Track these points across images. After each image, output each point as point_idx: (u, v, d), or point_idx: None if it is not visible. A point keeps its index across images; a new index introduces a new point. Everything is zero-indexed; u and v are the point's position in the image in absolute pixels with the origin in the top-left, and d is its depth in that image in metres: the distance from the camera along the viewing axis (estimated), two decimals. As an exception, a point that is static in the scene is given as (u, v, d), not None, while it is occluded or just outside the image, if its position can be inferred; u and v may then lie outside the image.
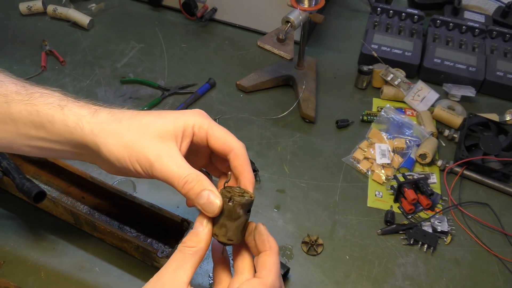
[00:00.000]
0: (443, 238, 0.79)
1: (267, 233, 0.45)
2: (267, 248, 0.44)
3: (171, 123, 0.47)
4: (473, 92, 1.00)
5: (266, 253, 0.44)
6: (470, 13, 1.20)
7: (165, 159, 0.45)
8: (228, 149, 0.50)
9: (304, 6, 0.87)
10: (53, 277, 0.70)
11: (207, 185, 0.45)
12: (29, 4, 1.15)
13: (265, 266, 0.43)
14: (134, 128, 0.47)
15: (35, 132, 0.48)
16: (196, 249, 0.42)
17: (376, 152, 0.89)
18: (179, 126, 0.48)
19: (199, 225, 0.44)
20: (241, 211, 0.44)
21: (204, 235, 0.43)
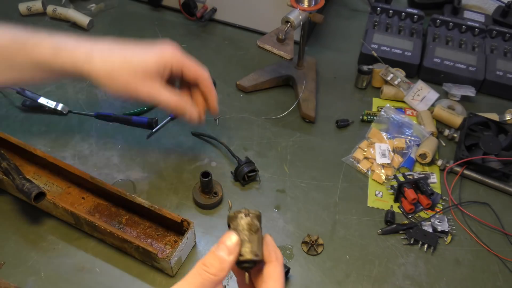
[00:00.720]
0: (444, 237, 0.78)
1: (273, 244, 0.45)
2: (274, 259, 0.44)
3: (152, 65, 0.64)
4: (473, 91, 1.00)
5: (273, 264, 0.44)
6: (470, 13, 1.20)
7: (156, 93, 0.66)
8: (199, 76, 0.69)
9: (303, 6, 0.87)
10: (53, 278, 0.70)
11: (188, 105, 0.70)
12: (28, 4, 1.15)
13: (272, 276, 0.43)
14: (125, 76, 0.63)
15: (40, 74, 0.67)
16: (217, 278, 0.41)
17: (376, 152, 0.88)
18: (159, 65, 0.64)
19: (226, 250, 0.42)
20: (258, 222, 0.44)
21: (228, 265, 0.42)
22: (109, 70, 0.63)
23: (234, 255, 0.42)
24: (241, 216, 0.43)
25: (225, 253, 0.42)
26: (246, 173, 0.82)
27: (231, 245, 0.42)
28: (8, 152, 0.77)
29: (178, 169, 0.86)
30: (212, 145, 0.91)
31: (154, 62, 0.64)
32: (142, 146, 0.90)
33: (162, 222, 0.74)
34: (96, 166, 0.86)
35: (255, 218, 0.44)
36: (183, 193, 0.83)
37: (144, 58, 0.64)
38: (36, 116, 0.94)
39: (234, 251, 0.42)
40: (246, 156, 0.87)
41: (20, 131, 0.90)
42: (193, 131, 0.92)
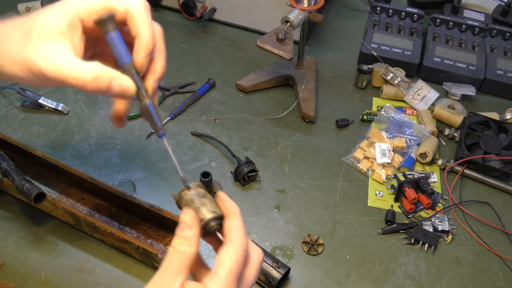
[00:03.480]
0: (444, 237, 0.78)
1: (227, 199, 0.46)
2: (230, 212, 0.45)
3: (51, 20, 0.43)
4: (473, 90, 1.00)
5: (230, 217, 0.45)
6: (470, 12, 1.20)
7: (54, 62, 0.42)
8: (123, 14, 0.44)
9: (303, 5, 0.87)
10: (54, 279, 0.70)
11: (114, 74, 0.43)
12: (27, 5, 1.15)
13: (232, 229, 0.44)
14: (16, 40, 0.44)
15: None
16: (188, 253, 0.42)
17: (376, 151, 0.88)
18: (61, 20, 0.43)
19: (186, 227, 0.43)
20: (202, 190, 0.46)
21: (194, 238, 0.43)
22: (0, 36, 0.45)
23: (195, 227, 0.43)
24: (184, 193, 0.46)
25: (186, 229, 0.43)
26: (246, 173, 0.82)
27: (189, 219, 0.43)
28: (8, 152, 0.77)
29: (178, 169, 0.86)
30: (212, 145, 0.91)
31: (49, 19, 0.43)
32: (141, 147, 0.89)
33: (162, 223, 0.74)
34: (96, 167, 0.86)
35: (198, 187, 0.46)
36: (183, 193, 0.82)
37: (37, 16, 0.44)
38: (35, 116, 0.93)
39: (193, 224, 0.43)
40: (246, 156, 0.86)
41: (19, 132, 0.90)
42: (193, 131, 0.92)
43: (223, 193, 0.46)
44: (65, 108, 0.94)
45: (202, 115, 0.96)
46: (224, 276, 0.41)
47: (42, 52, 0.42)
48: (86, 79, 0.42)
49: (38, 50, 0.43)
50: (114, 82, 0.43)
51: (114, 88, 0.43)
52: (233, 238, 0.43)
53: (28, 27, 0.44)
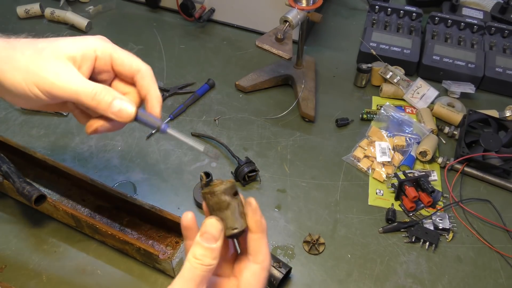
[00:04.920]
0: (445, 235, 0.78)
1: (258, 213, 0.44)
2: (260, 230, 0.44)
3: (68, 46, 0.47)
4: (473, 88, 1.00)
5: (259, 236, 0.44)
6: (468, 10, 1.20)
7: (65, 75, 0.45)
8: (134, 70, 0.50)
9: (302, 5, 0.87)
10: (55, 281, 0.70)
11: (116, 94, 0.47)
12: (26, 7, 1.15)
13: (260, 250, 0.44)
14: (28, 53, 0.46)
15: None
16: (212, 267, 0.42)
17: (377, 150, 0.88)
18: (77, 49, 0.47)
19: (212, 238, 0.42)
20: (227, 197, 0.43)
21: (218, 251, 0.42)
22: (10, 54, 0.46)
23: (220, 240, 0.42)
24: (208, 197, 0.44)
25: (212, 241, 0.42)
26: (246, 173, 0.82)
27: (216, 231, 0.42)
28: (8, 155, 0.77)
29: (178, 170, 0.86)
30: (212, 146, 0.91)
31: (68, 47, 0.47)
32: (142, 148, 0.90)
33: (163, 224, 0.74)
34: (96, 168, 0.86)
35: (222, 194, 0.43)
36: (183, 194, 0.82)
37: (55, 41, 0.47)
38: (35, 119, 0.94)
39: (219, 236, 0.42)
40: (246, 156, 0.86)
41: (19, 134, 0.90)
42: (193, 132, 0.92)
43: (255, 203, 0.44)
44: (65, 110, 0.94)
45: (201, 115, 0.96)
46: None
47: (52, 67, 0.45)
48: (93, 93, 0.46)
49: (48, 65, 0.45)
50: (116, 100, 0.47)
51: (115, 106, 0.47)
52: (261, 261, 0.43)
53: (42, 46, 0.47)
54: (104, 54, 0.49)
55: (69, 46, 0.47)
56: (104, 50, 0.49)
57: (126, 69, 0.50)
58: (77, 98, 0.46)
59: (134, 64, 0.50)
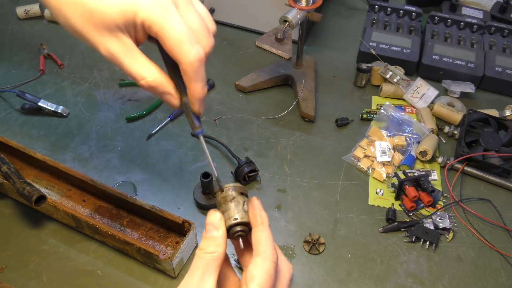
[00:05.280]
0: (445, 235, 0.78)
1: (259, 207, 0.45)
2: (259, 223, 0.45)
3: (115, 16, 0.42)
4: (473, 88, 1.00)
5: (259, 229, 0.44)
6: (468, 9, 1.20)
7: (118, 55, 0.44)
8: (177, 59, 0.45)
9: (301, 5, 0.87)
10: (55, 281, 0.70)
11: (166, 89, 0.46)
12: (26, 8, 1.15)
13: (260, 241, 0.44)
14: (79, 13, 0.43)
15: None
16: (217, 254, 0.42)
17: (377, 150, 0.88)
18: (126, 19, 0.43)
19: (212, 228, 0.43)
20: (234, 192, 0.45)
21: (221, 239, 0.43)
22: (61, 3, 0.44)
23: (222, 228, 0.44)
24: (217, 194, 0.46)
25: (213, 230, 0.43)
26: (246, 173, 0.82)
27: (215, 220, 0.44)
28: (8, 156, 0.77)
29: (178, 170, 0.86)
30: (212, 146, 0.91)
31: (115, 13, 0.42)
32: (142, 148, 0.90)
33: (163, 224, 0.74)
34: (96, 169, 0.86)
35: (230, 190, 0.46)
36: (183, 194, 0.82)
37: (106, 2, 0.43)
38: (35, 119, 0.94)
39: (220, 225, 0.44)
40: (246, 156, 0.87)
41: (19, 135, 0.90)
42: (192, 132, 0.92)
43: (257, 200, 0.46)
44: (65, 110, 0.94)
45: (201, 115, 0.96)
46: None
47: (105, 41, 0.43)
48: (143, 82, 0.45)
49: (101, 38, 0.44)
50: (164, 96, 0.47)
51: (163, 98, 0.47)
52: (262, 251, 0.43)
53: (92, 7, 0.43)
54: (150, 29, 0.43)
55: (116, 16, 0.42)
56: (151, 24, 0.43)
57: (170, 53, 0.44)
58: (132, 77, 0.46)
59: (176, 55, 0.44)
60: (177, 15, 0.43)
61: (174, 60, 0.45)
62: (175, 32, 0.43)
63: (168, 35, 0.43)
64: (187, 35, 0.44)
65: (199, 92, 0.47)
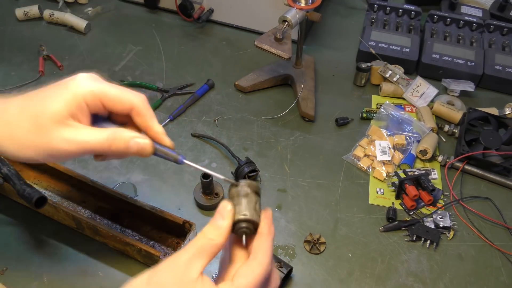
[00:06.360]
0: (446, 233, 0.78)
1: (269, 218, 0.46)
2: (264, 232, 0.45)
3: (59, 107, 0.46)
4: (472, 86, 1.00)
5: (262, 237, 0.45)
6: (467, 8, 1.20)
7: (75, 138, 0.46)
8: (127, 108, 0.49)
9: (300, 4, 0.87)
10: (56, 283, 0.70)
11: (129, 134, 0.48)
12: (25, 9, 1.15)
13: (261, 249, 0.44)
14: (25, 127, 0.46)
15: None
16: (215, 242, 0.43)
17: (377, 149, 0.88)
18: (69, 107, 0.46)
19: (219, 217, 0.44)
20: (248, 189, 0.46)
21: (224, 230, 0.43)
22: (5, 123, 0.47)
23: (228, 220, 0.44)
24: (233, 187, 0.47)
25: (219, 219, 0.44)
26: (246, 173, 0.82)
27: (224, 211, 0.44)
28: (8, 157, 0.77)
29: (178, 171, 0.86)
30: (212, 146, 0.91)
31: (57, 103, 0.46)
32: (142, 149, 0.89)
33: (163, 224, 0.74)
34: (97, 170, 0.86)
35: (245, 186, 0.46)
36: (184, 194, 0.82)
37: (44, 101, 0.47)
38: (35, 121, 0.93)
39: (227, 216, 0.44)
40: (247, 156, 0.86)
41: (19, 136, 0.90)
42: (192, 132, 0.92)
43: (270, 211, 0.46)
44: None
45: (201, 116, 0.96)
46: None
47: (58, 135, 0.46)
48: (107, 142, 0.47)
49: (53, 134, 0.46)
50: (132, 141, 0.48)
51: (132, 146, 0.48)
52: (260, 258, 0.43)
53: (36, 112, 0.46)
54: (94, 100, 0.47)
55: (59, 105, 0.46)
56: (93, 94, 0.47)
57: (119, 109, 0.49)
58: (94, 152, 0.48)
59: (126, 102, 0.48)
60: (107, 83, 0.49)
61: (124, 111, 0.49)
62: (114, 89, 0.48)
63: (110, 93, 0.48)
64: (123, 88, 0.49)
65: (160, 126, 0.50)
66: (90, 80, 0.48)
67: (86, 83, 0.47)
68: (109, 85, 0.49)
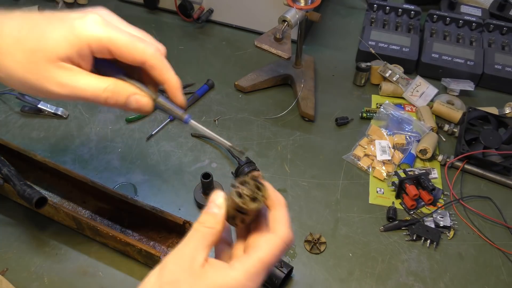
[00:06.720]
0: (446, 233, 0.78)
1: (273, 190, 0.44)
2: (277, 204, 0.44)
3: (59, 46, 0.42)
4: (472, 86, 1.00)
5: (275, 208, 0.44)
6: (467, 7, 1.20)
7: (68, 82, 0.43)
8: (139, 61, 0.45)
9: (300, 4, 0.87)
10: (57, 283, 0.70)
11: (130, 90, 0.45)
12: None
13: (276, 220, 0.43)
14: (19, 58, 0.43)
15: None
16: (214, 230, 0.42)
17: (377, 148, 0.88)
18: (70, 48, 0.43)
19: (214, 205, 0.43)
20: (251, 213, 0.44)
21: (220, 217, 0.43)
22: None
23: (223, 208, 0.43)
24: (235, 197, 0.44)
25: (214, 207, 0.43)
26: (246, 173, 0.82)
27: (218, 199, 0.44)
28: (9, 158, 0.77)
29: (178, 171, 0.86)
30: (212, 146, 0.91)
31: (58, 43, 0.42)
32: (142, 149, 0.90)
33: (164, 225, 0.74)
34: (97, 170, 0.86)
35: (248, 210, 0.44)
36: (184, 195, 0.82)
37: (44, 36, 0.42)
38: (35, 121, 0.94)
39: (222, 205, 0.43)
40: (247, 156, 0.87)
41: (19, 137, 0.90)
42: (193, 133, 0.92)
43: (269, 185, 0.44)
44: (65, 112, 0.94)
45: (201, 116, 0.96)
46: (254, 261, 0.40)
47: (52, 76, 0.43)
48: (105, 94, 0.44)
49: (47, 74, 0.43)
50: (131, 97, 0.46)
51: (131, 103, 0.46)
52: (278, 229, 0.42)
53: (32, 46, 0.43)
54: (100, 48, 0.43)
55: (60, 46, 0.42)
56: (99, 43, 0.43)
57: (130, 60, 0.45)
58: (88, 100, 0.45)
59: (137, 55, 0.44)
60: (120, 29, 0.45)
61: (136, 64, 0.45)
62: (125, 38, 0.44)
63: (120, 43, 0.44)
64: (136, 37, 0.45)
65: (176, 80, 0.47)
66: (99, 25, 0.43)
67: (95, 28, 0.43)
68: (120, 32, 0.44)
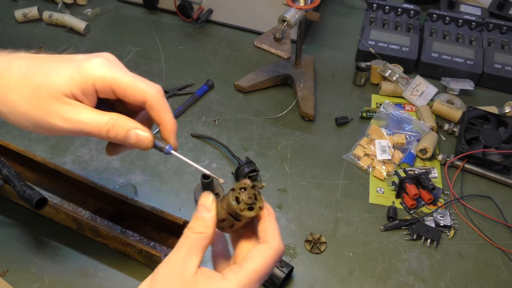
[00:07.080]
0: (446, 232, 0.78)
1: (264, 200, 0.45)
2: (267, 214, 0.45)
3: (65, 84, 0.44)
4: (472, 85, 1.00)
5: (265, 219, 0.44)
6: (466, 6, 1.20)
7: (71, 117, 0.44)
8: (140, 100, 0.46)
9: (300, 4, 0.87)
10: (57, 284, 0.70)
11: (130, 124, 0.46)
12: (24, 11, 1.15)
13: (268, 230, 0.44)
14: (25, 94, 0.44)
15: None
16: (205, 235, 0.42)
17: (377, 148, 0.88)
18: (74, 86, 0.44)
19: (203, 209, 0.43)
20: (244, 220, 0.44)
21: (210, 221, 0.43)
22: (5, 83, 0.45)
23: (213, 211, 0.43)
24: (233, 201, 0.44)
25: (204, 212, 0.43)
26: (247, 173, 0.82)
27: (207, 203, 0.44)
28: (9, 159, 0.77)
29: (178, 171, 0.86)
30: (212, 146, 0.91)
31: (64, 80, 0.44)
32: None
33: (164, 225, 0.74)
34: (97, 171, 0.86)
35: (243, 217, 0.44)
36: (184, 195, 0.82)
37: (51, 74, 0.44)
38: (35, 122, 0.93)
39: (211, 207, 0.43)
40: (247, 156, 0.87)
41: (19, 138, 0.90)
42: (192, 133, 0.92)
43: None
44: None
45: (201, 116, 0.96)
46: (248, 272, 0.41)
47: (56, 110, 0.44)
48: (106, 127, 0.45)
49: (51, 109, 0.44)
50: (131, 131, 0.46)
51: (131, 136, 0.46)
52: (270, 239, 0.43)
53: (39, 82, 0.44)
54: (104, 87, 0.45)
55: (66, 83, 0.44)
56: (103, 80, 0.45)
57: (131, 100, 0.46)
58: (90, 134, 0.46)
59: (138, 94, 0.46)
60: (124, 70, 0.46)
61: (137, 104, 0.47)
62: (128, 78, 0.46)
63: (124, 83, 0.45)
64: (139, 78, 0.46)
65: (172, 123, 0.48)
66: (104, 66, 0.45)
67: (100, 69, 0.45)
68: (123, 73, 0.46)
